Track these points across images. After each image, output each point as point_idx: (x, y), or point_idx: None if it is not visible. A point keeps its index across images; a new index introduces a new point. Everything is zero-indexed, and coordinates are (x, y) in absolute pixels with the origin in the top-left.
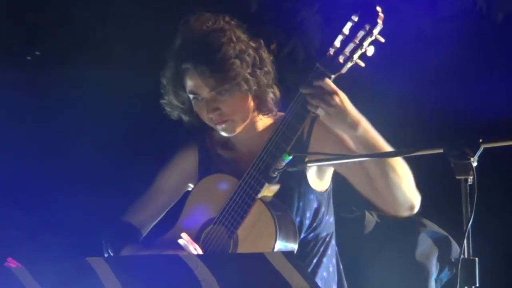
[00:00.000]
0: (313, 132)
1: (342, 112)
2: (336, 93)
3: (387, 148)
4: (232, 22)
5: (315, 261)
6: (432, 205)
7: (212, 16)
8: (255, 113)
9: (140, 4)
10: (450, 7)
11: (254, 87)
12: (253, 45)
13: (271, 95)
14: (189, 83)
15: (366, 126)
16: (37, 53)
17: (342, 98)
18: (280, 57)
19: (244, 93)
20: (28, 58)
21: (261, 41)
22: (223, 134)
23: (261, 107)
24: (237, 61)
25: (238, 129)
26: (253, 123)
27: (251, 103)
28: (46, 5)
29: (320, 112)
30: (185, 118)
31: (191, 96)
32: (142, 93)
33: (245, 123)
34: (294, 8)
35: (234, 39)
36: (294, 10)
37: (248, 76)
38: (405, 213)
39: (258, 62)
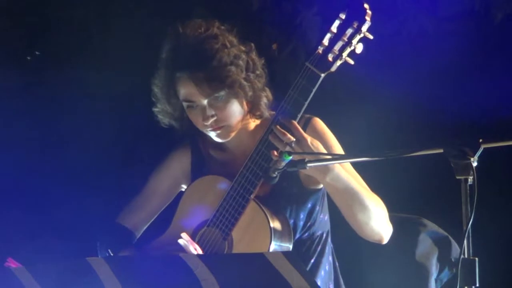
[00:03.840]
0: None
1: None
2: (304, 139)
3: (362, 189)
4: (223, 27)
5: (312, 261)
6: (432, 205)
7: (203, 22)
8: (248, 116)
9: (140, 4)
10: (450, 7)
11: (250, 93)
12: (244, 49)
13: (264, 99)
14: (183, 91)
15: (337, 171)
16: (37, 53)
17: (310, 144)
18: (280, 57)
19: (239, 99)
20: (28, 58)
21: (252, 44)
22: (217, 139)
23: (254, 111)
24: (233, 68)
25: (233, 134)
26: (245, 125)
27: (245, 108)
28: (46, 5)
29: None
30: (176, 124)
31: (185, 104)
32: (140, 94)
33: (238, 128)
34: (294, 9)
35: (227, 44)
36: (294, 11)
37: (244, 82)
38: (373, 241)
39: (251, 66)
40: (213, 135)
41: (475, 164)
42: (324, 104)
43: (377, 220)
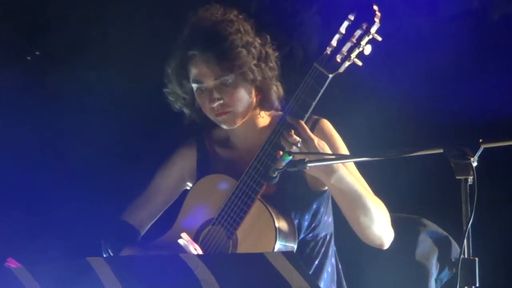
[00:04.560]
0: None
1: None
2: (311, 140)
3: (366, 193)
4: (240, 16)
5: (316, 263)
6: (432, 205)
7: (221, 7)
8: (257, 110)
9: (140, 4)
10: (450, 8)
11: (259, 78)
12: (259, 40)
13: (274, 88)
14: (194, 71)
15: (342, 173)
16: (37, 53)
17: (317, 145)
18: (279, 57)
19: (248, 84)
20: (28, 58)
21: (267, 37)
22: (223, 126)
23: (263, 103)
24: (244, 51)
25: (238, 122)
26: (253, 120)
27: (254, 97)
28: (46, 5)
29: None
30: (186, 111)
31: (194, 86)
32: (141, 93)
33: (245, 117)
34: (293, 8)
35: (242, 30)
36: (293, 11)
37: (253, 67)
38: (374, 246)
39: (263, 56)
40: (219, 120)
41: (475, 164)
42: (324, 104)
43: (379, 225)
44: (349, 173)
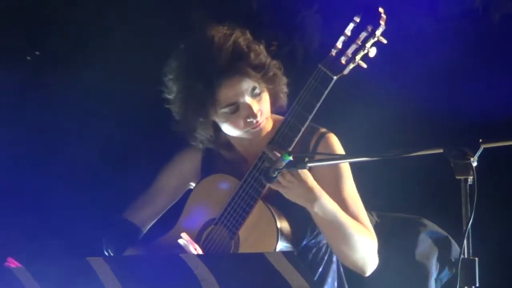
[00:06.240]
0: (319, 149)
1: (297, 188)
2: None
3: (350, 222)
4: (246, 31)
5: (320, 269)
6: (432, 205)
7: (226, 25)
8: None
9: (140, 4)
10: (451, 8)
11: (283, 87)
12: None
13: (285, 89)
14: (230, 93)
15: (324, 201)
16: (37, 53)
17: (298, 174)
18: (279, 57)
19: (267, 90)
20: (28, 58)
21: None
22: (252, 137)
23: (275, 105)
24: (272, 61)
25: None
26: None
27: None
28: (46, 5)
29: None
30: (207, 139)
31: (228, 109)
32: (142, 93)
33: None
34: (294, 7)
35: (257, 43)
36: (294, 10)
37: (281, 75)
38: (354, 270)
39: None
40: (251, 132)
41: (475, 164)
42: (324, 104)
43: (361, 253)
44: (332, 201)
